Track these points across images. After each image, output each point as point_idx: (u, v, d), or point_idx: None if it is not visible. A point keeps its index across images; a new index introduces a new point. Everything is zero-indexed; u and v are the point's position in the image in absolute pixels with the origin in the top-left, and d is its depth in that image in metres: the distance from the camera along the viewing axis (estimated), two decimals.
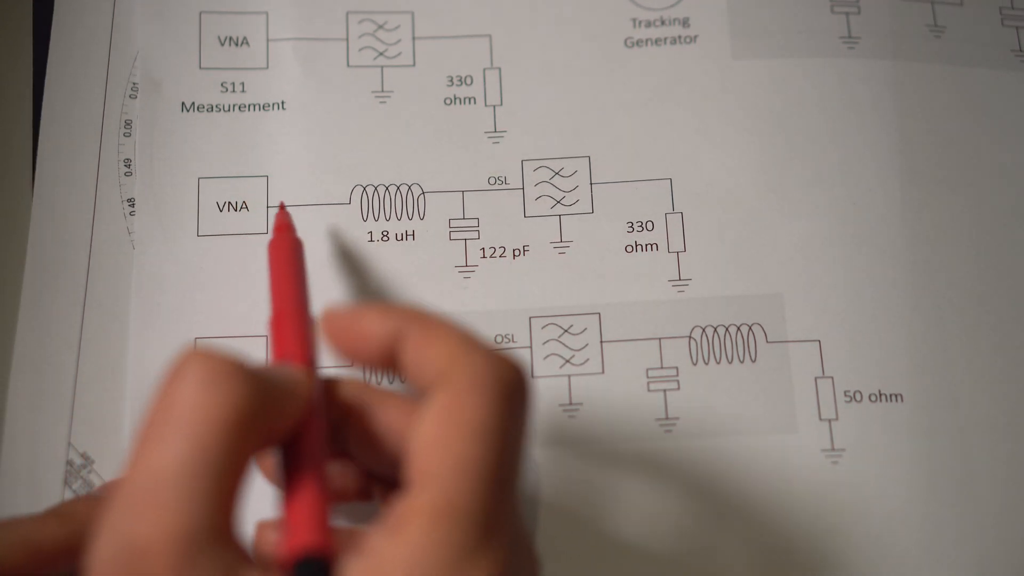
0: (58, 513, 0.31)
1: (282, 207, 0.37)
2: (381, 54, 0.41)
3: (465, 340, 0.26)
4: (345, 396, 0.28)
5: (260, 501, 0.30)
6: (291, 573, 0.23)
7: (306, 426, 0.26)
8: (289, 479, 0.26)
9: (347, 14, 0.41)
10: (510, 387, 0.25)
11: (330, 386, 0.28)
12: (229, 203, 0.39)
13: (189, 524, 0.22)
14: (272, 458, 0.28)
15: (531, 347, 0.37)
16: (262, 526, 0.30)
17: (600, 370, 0.37)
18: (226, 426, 0.23)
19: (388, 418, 0.27)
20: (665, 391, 0.37)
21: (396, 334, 0.26)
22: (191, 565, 0.22)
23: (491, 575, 0.23)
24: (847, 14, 0.41)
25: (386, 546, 0.23)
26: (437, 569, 0.22)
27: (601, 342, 0.37)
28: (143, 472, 0.23)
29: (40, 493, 0.35)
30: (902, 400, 0.36)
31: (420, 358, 0.26)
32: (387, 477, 0.29)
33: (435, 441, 0.24)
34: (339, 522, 0.32)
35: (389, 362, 0.27)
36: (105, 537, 0.23)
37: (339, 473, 0.30)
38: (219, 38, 0.40)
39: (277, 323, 0.30)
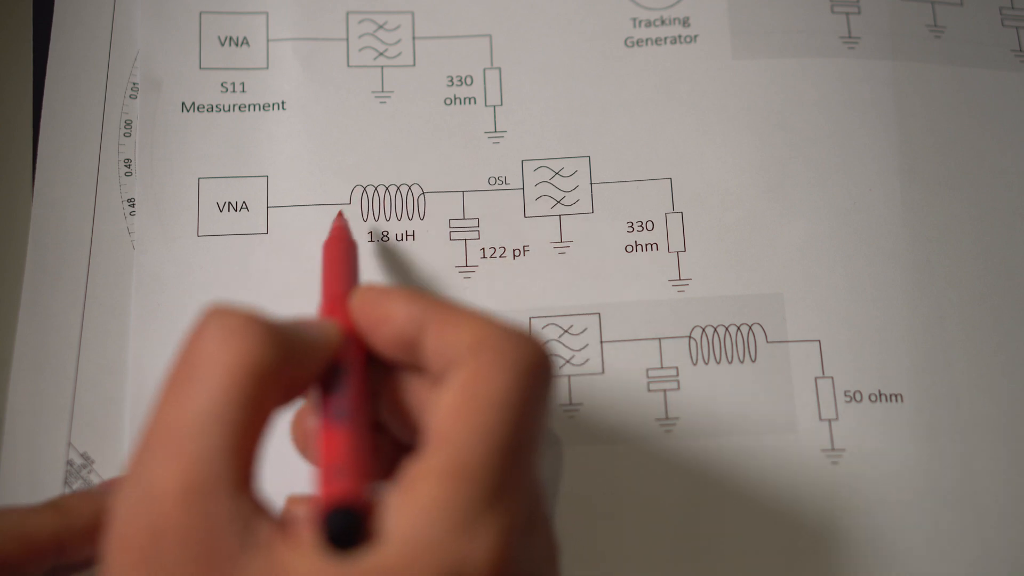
0: (54, 505, 0.31)
1: (340, 214, 0.37)
2: (381, 54, 0.41)
3: (489, 321, 0.26)
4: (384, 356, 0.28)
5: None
6: (322, 523, 0.23)
7: (346, 376, 0.27)
8: (327, 429, 0.26)
9: (347, 14, 0.41)
10: (532, 364, 0.25)
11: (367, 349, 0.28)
12: (229, 203, 0.39)
13: (205, 472, 0.23)
14: (312, 410, 0.28)
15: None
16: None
17: (600, 370, 0.37)
18: (243, 378, 0.24)
19: (416, 389, 0.28)
20: (665, 391, 0.37)
21: (419, 320, 0.27)
22: (204, 513, 0.23)
23: (497, 538, 0.23)
24: (847, 14, 0.41)
25: (397, 506, 0.23)
26: (444, 528, 0.23)
27: (601, 342, 0.37)
28: (163, 422, 0.24)
29: (40, 493, 0.35)
30: (902, 400, 0.36)
31: (443, 341, 0.26)
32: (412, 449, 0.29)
33: (454, 409, 0.25)
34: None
35: (409, 346, 0.27)
36: (125, 484, 0.24)
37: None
38: (219, 38, 0.40)
39: (326, 290, 0.31)
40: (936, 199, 0.39)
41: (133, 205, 0.39)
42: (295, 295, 0.37)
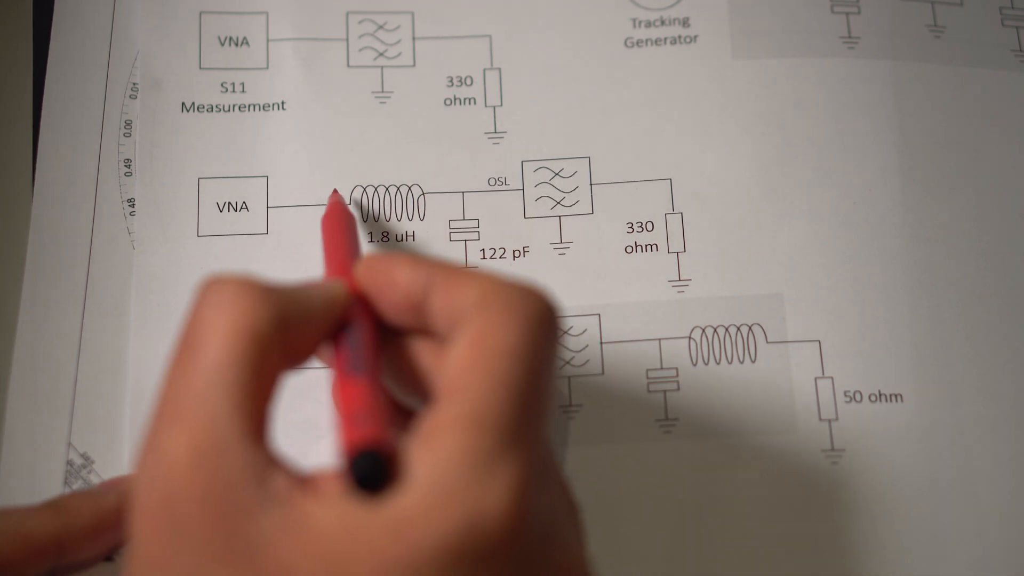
0: (53, 505, 0.31)
1: (335, 191, 0.38)
2: (381, 54, 0.41)
3: (493, 277, 0.27)
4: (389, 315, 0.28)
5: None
6: (348, 467, 0.24)
7: (358, 332, 0.27)
8: (344, 382, 0.26)
9: (347, 14, 0.41)
10: (540, 315, 0.26)
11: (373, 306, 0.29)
12: (229, 203, 0.39)
13: (212, 432, 0.23)
14: (326, 362, 0.29)
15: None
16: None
17: (600, 371, 0.37)
18: (241, 339, 0.24)
19: (423, 352, 0.28)
20: (665, 391, 0.37)
21: (424, 283, 0.27)
22: (215, 471, 0.23)
23: (514, 481, 0.23)
24: (847, 14, 0.41)
25: (417, 455, 0.24)
26: (465, 474, 0.23)
27: (601, 343, 0.37)
28: (168, 392, 0.24)
29: (40, 493, 0.35)
30: (902, 400, 0.36)
31: (450, 300, 0.27)
32: (415, 411, 0.29)
33: (466, 361, 0.25)
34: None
35: (415, 310, 0.27)
36: (141, 453, 0.24)
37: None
38: (219, 38, 0.40)
39: (329, 261, 0.31)
40: (936, 199, 0.39)
41: (133, 205, 0.39)
42: None
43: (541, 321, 0.26)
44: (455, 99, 0.40)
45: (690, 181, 0.39)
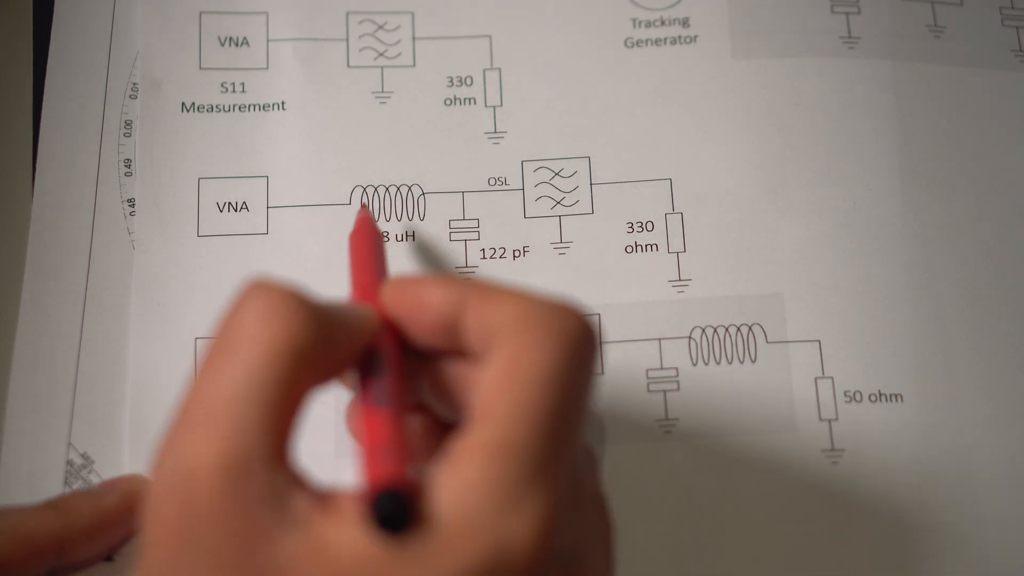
0: (53, 505, 0.31)
1: (364, 207, 0.38)
2: (381, 54, 0.41)
3: (528, 296, 0.26)
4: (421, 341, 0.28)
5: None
6: (371, 507, 0.23)
7: (384, 361, 0.27)
8: (368, 414, 0.25)
9: (347, 14, 0.41)
10: (576, 338, 0.25)
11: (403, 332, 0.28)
12: (229, 203, 0.39)
13: (239, 447, 0.23)
14: (350, 393, 0.28)
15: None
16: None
17: (600, 370, 0.37)
18: (282, 355, 0.24)
19: (458, 371, 0.27)
20: (665, 391, 0.37)
21: (456, 303, 0.26)
22: (238, 487, 0.22)
23: (540, 514, 0.23)
24: (847, 14, 0.41)
25: (443, 482, 0.23)
26: (489, 506, 0.23)
27: (601, 343, 0.37)
28: (198, 396, 0.24)
29: (40, 493, 0.35)
30: (902, 400, 0.36)
31: (483, 320, 0.26)
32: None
33: (498, 385, 0.24)
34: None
35: (448, 332, 0.27)
36: (160, 458, 0.23)
37: (417, 425, 0.30)
38: (219, 38, 0.40)
39: (355, 280, 0.31)
40: (936, 199, 0.39)
41: (133, 205, 0.39)
42: None
43: (577, 343, 0.25)
44: (455, 99, 0.40)
45: (690, 181, 0.39)
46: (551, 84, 0.40)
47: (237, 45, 0.40)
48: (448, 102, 0.40)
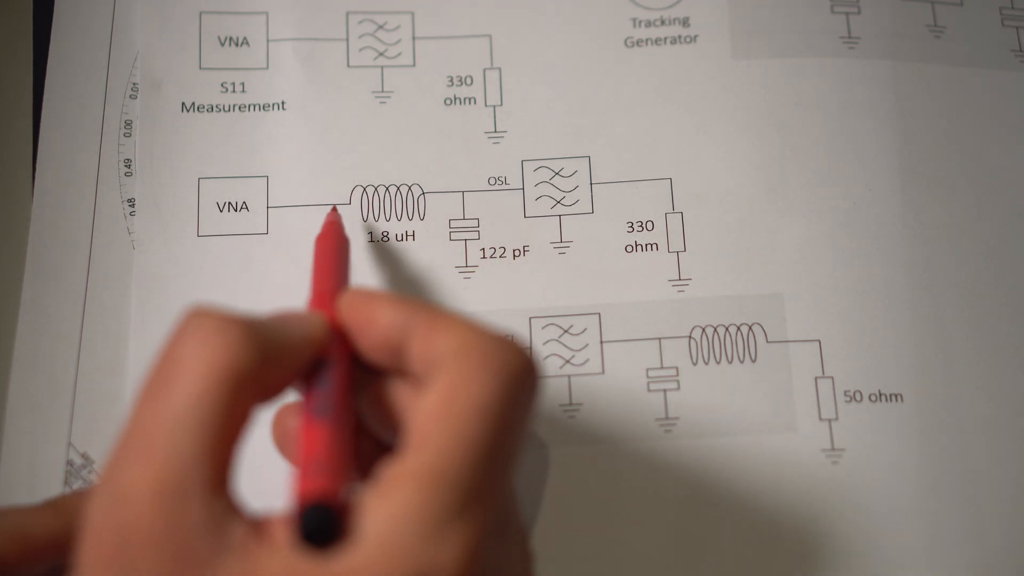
0: (53, 505, 0.31)
1: (334, 209, 0.37)
2: (381, 54, 0.41)
3: (474, 327, 0.26)
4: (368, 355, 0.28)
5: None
6: (298, 520, 0.23)
7: (331, 371, 0.27)
8: (308, 424, 0.26)
9: (347, 14, 0.41)
10: (516, 373, 0.25)
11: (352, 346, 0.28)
12: (229, 203, 0.39)
13: (175, 475, 0.23)
14: (295, 403, 0.28)
15: (531, 347, 0.37)
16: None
17: (600, 370, 0.37)
18: (220, 382, 0.24)
19: (399, 391, 0.28)
20: (665, 391, 0.37)
21: (404, 325, 0.27)
22: (174, 513, 0.23)
23: (465, 544, 0.23)
24: (847, 14, 0.41)
25: (372, 506, 0.23)
26: (416, 533, 0.23)
27: (601, 342, 0.37)
28: (137, 425, 0.24)
29: (40, 493, 0.35)
30: (902, 400, 0.36)
31: (428, 345, 0.26)
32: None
33: (435, 413, 0.25)
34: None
35: (393, 352, 0.27)
36: (99, 486, 0.24)
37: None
38: (219, 38, 0.40)
39: (315, 286, 0.31)
40: (936, 199, 0.39)
41: (133, 205, 0.39)
42: (295, 295, 0.37)
43: (516, 379, 0.25)
44: (455, 99, 0.40)
45: (690, 181, 0.39)
46: (551, 84, 0.40)
47: (237, 45, 0.41)
48: (448, 102, 0.40)
